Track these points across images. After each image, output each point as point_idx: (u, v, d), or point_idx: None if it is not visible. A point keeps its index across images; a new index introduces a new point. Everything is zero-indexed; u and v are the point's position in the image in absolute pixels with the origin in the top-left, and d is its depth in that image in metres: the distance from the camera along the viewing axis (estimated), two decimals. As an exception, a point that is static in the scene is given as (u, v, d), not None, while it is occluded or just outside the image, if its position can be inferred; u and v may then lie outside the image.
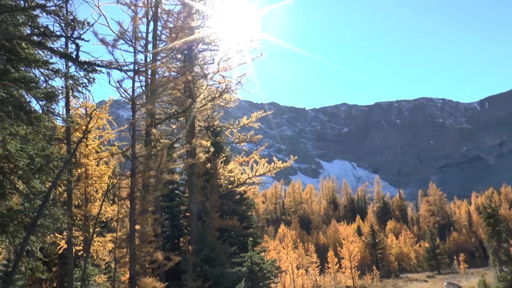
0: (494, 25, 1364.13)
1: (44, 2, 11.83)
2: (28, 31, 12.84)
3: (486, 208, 50.72)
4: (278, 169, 29.87)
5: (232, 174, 30.84)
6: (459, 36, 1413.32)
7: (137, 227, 19.59)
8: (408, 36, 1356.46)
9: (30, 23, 12.54)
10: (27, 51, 12.41)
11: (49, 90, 13.60)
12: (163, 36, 22.96)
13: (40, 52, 13.17)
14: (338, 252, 61.15)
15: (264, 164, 29.90)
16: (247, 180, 30.57)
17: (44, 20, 12.65)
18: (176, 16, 23.46)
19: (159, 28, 22.81)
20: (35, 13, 12.41)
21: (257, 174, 30.04)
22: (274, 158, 30.13)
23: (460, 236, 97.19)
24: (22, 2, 12.17)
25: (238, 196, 34.07)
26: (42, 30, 12.25)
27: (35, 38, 12.04)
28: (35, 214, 13.06)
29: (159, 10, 22.27)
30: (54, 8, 11.98)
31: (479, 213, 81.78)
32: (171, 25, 22.75)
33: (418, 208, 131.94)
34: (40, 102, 13.93)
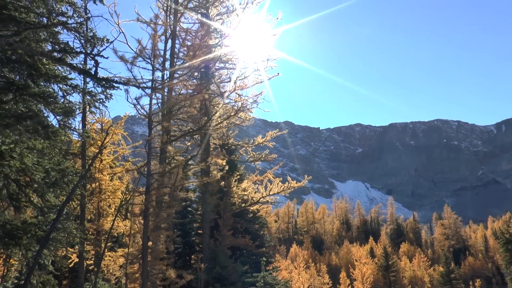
0: (511, 47, 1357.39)
1: (66, 19, 12.00)
2: (49, 47, 13.03)
3: (503, 233, 49.79)
4: (292, 189, 29.72)
5: (245, 193, 30.74)
6: (476, 57, 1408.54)
7: (150, 243, 19.52)
8: (423, 57, 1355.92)
9: (51, 40, 12.73)
10: (47, 66, 12.57)
11: (67, 105, 13.71)
12: (181, 54, 23.14)
13: (60, 67, 13.34)
14: (351, 274, 60.34)
15: (278, 184, 29.76)
16: (260, 199, 30.43)
17: (65, 36, 12.90)
18: (194, 34, 23.68)
19: (177, 46, 23.02)
20: (56, 29, 12.60)
21: (271, 193, 29.90)
22: (289, 178, 29.97)
23: (476, 261, 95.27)
24: (44, 19, 12.37)
25: (251, 215, 33.92)
26: (62, 46, 12.42)
27: (56, 54, 12.20)
28: (49, 227, 13.08)
29: (178, 28, 22.49)
30: (75, 25, 12.16)
31: (496, 238, 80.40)
32: (189, 43, 22.94)
33: (433, 231, 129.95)
34: (58, 117, 14.03)
